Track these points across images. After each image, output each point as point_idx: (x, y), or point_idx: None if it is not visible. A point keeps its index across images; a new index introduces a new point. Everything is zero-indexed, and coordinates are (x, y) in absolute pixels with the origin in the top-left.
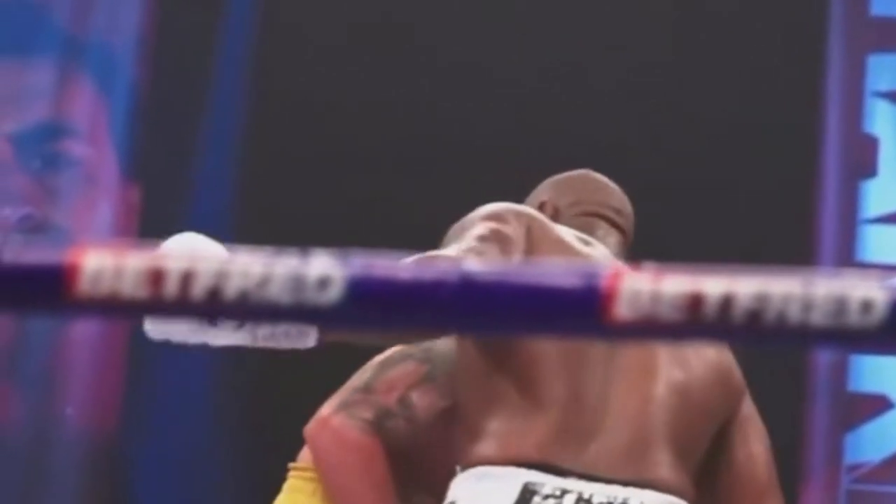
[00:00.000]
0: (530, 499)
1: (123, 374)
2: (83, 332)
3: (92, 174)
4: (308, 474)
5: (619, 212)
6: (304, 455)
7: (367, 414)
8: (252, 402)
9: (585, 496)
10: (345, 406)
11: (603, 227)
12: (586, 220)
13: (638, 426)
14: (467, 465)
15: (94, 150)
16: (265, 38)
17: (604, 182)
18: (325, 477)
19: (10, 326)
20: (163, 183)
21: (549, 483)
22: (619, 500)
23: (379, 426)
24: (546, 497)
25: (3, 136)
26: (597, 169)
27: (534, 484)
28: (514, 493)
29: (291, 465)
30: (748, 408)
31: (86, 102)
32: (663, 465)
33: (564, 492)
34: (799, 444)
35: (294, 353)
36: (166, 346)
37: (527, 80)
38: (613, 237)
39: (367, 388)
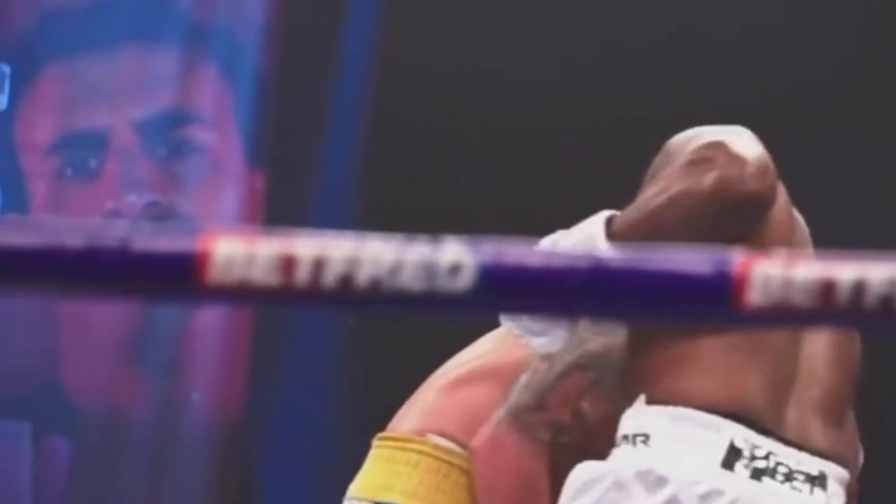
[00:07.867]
0: (735, 461)
1: (249, 359)
2: (209, 317)
3: (217, 161)
4: (413, 445)
5: None
6: (395, 425)
7: (544, 434)
8: (380, 388)
9: (792, 465)
10: (521, 427)
11: None
12: None
13: (822, 391)
14: (662, 401)
15: (220, 137)
16: (391, 24)
17: None
18: (489, 497)
19: (137, 312)
20: (288, 170)
21: (752, 442)
22: (815, 472)
23: (554, 445)
24: (752, 459)
25: (128, 123)
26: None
27: (739, 444)
28: (720, 452)
29: (380, 435)
30: None
31: (211, 89)
32: (832, 433)
33: (770, 454)
34: None
35: (424, 338)
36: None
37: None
38: None
39: (539, 405)
